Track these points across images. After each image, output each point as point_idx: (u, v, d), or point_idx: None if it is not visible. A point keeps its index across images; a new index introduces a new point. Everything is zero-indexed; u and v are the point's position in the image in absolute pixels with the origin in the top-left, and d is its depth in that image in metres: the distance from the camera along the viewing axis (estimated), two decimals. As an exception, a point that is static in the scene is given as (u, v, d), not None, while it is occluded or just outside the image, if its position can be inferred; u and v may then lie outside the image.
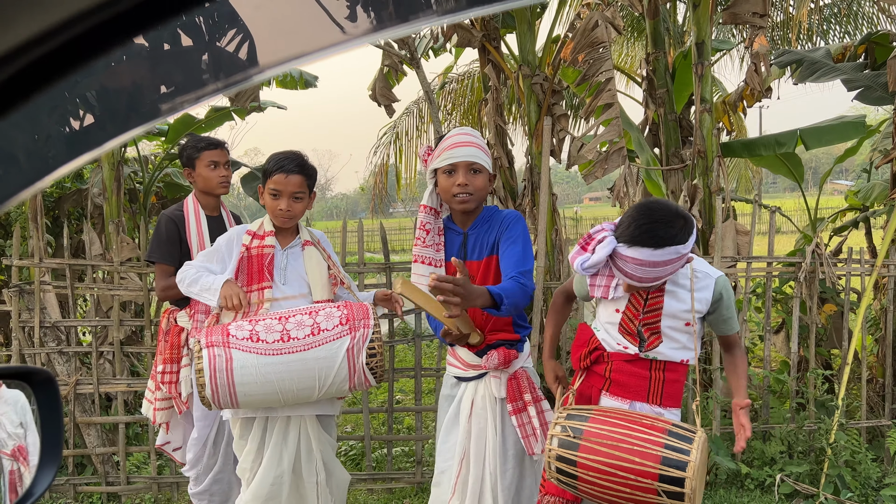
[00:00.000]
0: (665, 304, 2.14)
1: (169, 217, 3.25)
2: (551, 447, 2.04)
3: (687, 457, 1.89)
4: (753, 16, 4.51)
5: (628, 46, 10.88)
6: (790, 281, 4.34)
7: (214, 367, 2.32)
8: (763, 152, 4.64)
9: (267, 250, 2.64)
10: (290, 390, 2.39)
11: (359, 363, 2.43)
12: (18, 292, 4.06)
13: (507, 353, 2.40)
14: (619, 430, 1.98)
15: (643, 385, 2.17)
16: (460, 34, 4.97)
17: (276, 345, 2.36)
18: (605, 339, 2.24)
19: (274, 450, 2.58)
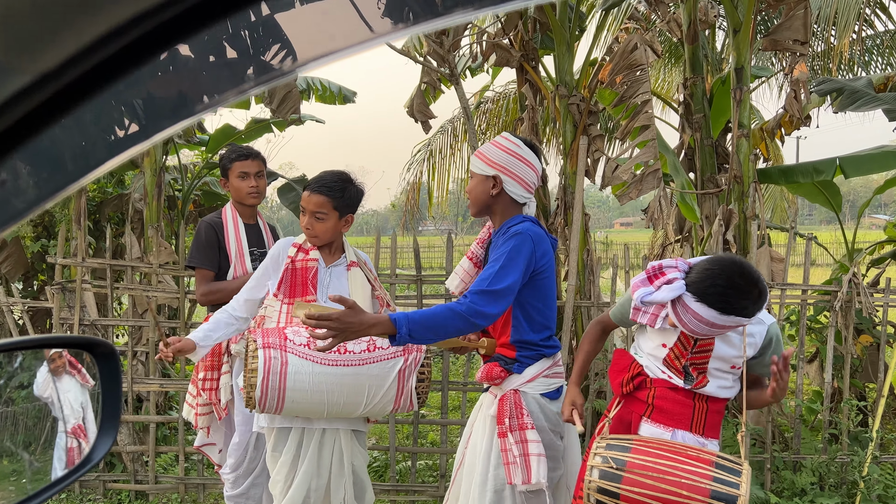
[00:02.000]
0: (716, 347, 2.10)
1: (209, 224, 3.33)
2: (591, 479, 1.94)
3: (737, 490, 1.84)
4: (794, 43, 4.51)
5: (665, 72, 10.88)
6: (825, 310, 4.28)
7: (269, 368, 2.30)
8: (801, 179, 4.60)
9: (311, 264, 2.64)
10: (338, 403, 2.39)
11: (408, 386, 2.44)
12: (60, 290, 4.18)
13: (491, 369, 2.33)
14: (665, 462, 1.91)
15: (687, 413, 2.12)
16: (499, 54, 5.03)
17: (333, 355, 2.35)
18: (648, 367, 2.19)
19: (311, 461, 2.55)
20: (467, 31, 4.64)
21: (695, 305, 1.92)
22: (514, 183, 2.33)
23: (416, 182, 10.67)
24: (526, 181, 2.34)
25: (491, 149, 2.35)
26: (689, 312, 1.93)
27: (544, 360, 2.35)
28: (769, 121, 5.82)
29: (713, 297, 1.89)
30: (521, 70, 5.17)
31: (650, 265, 2.07)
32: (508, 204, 2.36)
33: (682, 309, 1.95)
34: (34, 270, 5.91)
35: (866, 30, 8.80)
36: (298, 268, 2.64)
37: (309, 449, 2.56)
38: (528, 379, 2.32)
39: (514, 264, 2.16)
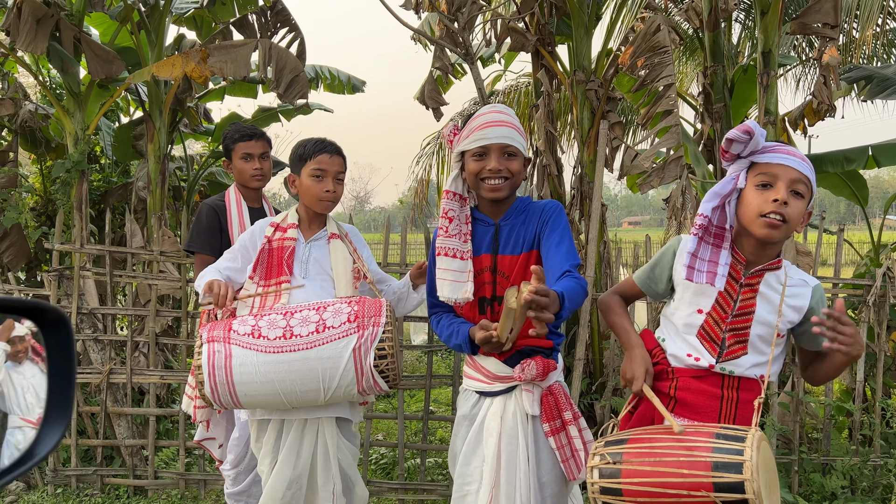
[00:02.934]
0: (758, 307, 1.90)
1: (210, 206, 3.17)
2: (593, 481, 1.78)
3: (741, 457, 1.63)
4: (824, 26, 4.31)
5: (678, 66, 10.67)
6: (854, 307, 4.09)
7: (213, 363, 2.18)
8: (830, 169, 4.41)
9: (288, 243, 2.50)
10: (293, 391, 2.22)
11: (366, 365, 2.22)
12: (58, 277, 4.03)
13: (545, 362, 2.11)
14: (662, 445, 1.74)
15: (714, 405, 1.92)
16: (514, 38, 4.85)
17: (278, 342, 2.19)
18: (673, 353, 1.99)
19: (289, 452, 2.41)
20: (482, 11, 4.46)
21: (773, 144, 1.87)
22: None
23: (426, 177, 10.50)
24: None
25: (519, 126, 2.18)
26: (779, 147, 1.86)
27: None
28: (792, 111, 5.62)
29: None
30: (536, 55, 4.99)
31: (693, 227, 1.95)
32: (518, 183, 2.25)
33: (775, 147, 1.87)
34: (37, 260, 5.78)
35: (890, 22, 8.58)
36: (275, 247, 2.50)
37: (287, 439, 2.42)
38: (561, 368, 2.24)
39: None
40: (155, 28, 5.51)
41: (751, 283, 1.91)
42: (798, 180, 1.83)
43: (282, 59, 4.71)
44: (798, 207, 1.84)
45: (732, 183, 1.89)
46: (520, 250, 2.15)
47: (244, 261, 2.56)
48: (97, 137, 6.25)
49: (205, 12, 5.99)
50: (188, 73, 4.53)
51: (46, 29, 4.56)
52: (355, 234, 2.71)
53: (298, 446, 2.42)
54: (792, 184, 1.82)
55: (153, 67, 4.65)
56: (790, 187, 1.82)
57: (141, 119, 5.88)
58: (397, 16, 4.18)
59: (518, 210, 2.18)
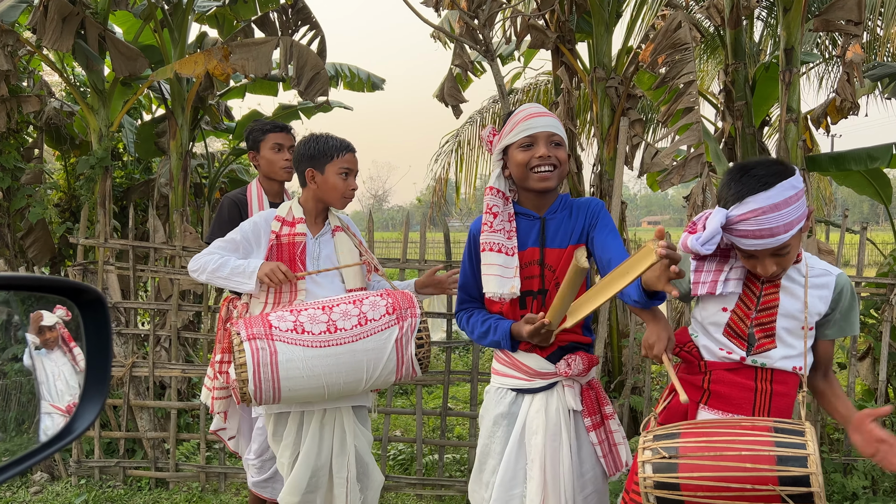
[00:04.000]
0: (781, 301, 1.89)
1: (232, 200, 3.20)
2: (645, 475, 1.75)
3: (804, 450, 1.64)
4: (847, 23, 4.27)
5: (700, 63, 10.58)
6: (875, 306, 4.04)
7: (258, 361, 2.18)
8: (853, 167, 4.36)
9: (299, 238, 2.53)
10: (337, 383, 2.27)
11: (408, 354, 2.33)
12: (82, 271, 4.10)
13: (589, 357, 2.14)
14: (720, 439, 1.72)
15: (748, 397, 1.91)
16: (534, 35, 4.85)
17: (323, 336, 2.23)
18: (705, 346, 1.99)
19: (311, 443, 2.46)
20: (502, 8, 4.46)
21: (743, 208, 1.75)
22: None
23: (444, 175, 10.51)
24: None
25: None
26: (747, 217, 1.75)
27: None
28: (815, 108, 5.56)
29: (747, 184, 1.75)
30: (556, 52, 4.99)
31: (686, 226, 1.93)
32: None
33: (742, 223, 1.76)
34: (61, 255, 5.87)
35: (915, 19, 8.44)
36: (285, 243, 2.53)
37: (309, 430, 2.47)
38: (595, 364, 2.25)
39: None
40: (178, 26, 5.57)
41: (772, 279, 1.90)
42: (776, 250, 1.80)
43: (303, 56, 4.74)
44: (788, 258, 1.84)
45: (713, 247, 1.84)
46: (567, 244, 2.14)
47: (245, 252, 2.57)
48: (120, 134, 6.34)
49: (227, 10, 6.05)
50: (210, 70, 4.58)
51: (72, 27, 4.63)
52: (353, 224, 2.74)
53: (320, 437, 2.47)
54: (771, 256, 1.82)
55: (176, 65, 4.71)
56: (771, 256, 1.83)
57: (163, 116, 5.95)
58: (418, 13, 4.19)
59: (563, 205, 2.18)
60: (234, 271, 2.48)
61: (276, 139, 3.19)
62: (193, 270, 2.57)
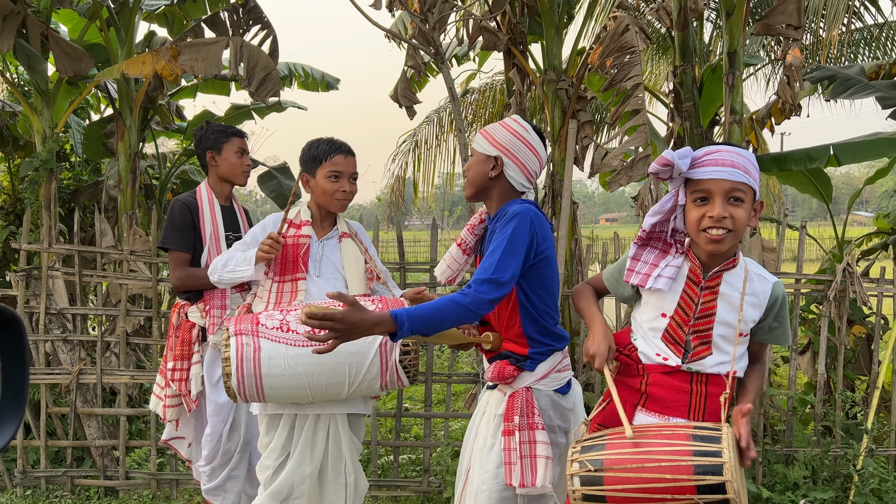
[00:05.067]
0: (718, 308, 1.95)
1: (182, 203, 3.16)
2: (574, 488, 1.79)
3: (719, 458, 1.69)
4: (787, 27, 4.41)
5: (652, 64, 10.79)
6: (816, 301, 4.19)
7: (241, 356, 2.22)
8: (793, 167, 4.50)
9: (303, 240, 2.58)
10: (319, 384, 2.30)
11: (391, 360, 2.33)
12: (26, 277, 4.00)
13: (503, 368, 2.17)
14: (641, 450, 1.77)
15: (684, 400, 1.97)
16: (486, 37, 4.89)
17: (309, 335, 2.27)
18: (643, 351, 2.03)
19: (303, 449, 2.46)
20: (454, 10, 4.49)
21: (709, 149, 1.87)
22: (515, 168, 2.19)
23: (402, 174, 10.51)
24: (528, 168, 2.21)
25: (497, 129, 2.23)
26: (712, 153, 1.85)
27: (556, 354, 2.22)
28: (760, 109, 5.73)
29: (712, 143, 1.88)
30: (508, 54, 5.04)
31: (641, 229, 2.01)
32: (507, 189, 2.22)
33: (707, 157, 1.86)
34: (5, 260, 5.70)
35: (855, 22, 8.76)
36: (290, 244, 2.57)
37: (301, 434, 2.46)
38: (542, 376, 2.19)
39: (515, 249, 2.02)
40: (124, 25, 5.46)
41: (710, 285, 1.95)
42: (733, 189, 1.84)
43: (253, 56, 4.70)
44: (740, 213, 1.86)
45: (672, 200, 1.94)
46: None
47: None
48: (67, 135, 6.18)
49: (176, 9, 5.95)
50: (159, 70, 4.51)
51: (13, 26, 4.50)
52: (362, 231, 2.77)
53: (312, 441, 2.47)
54: (727, 193, 1.84)
55: (123, 65, 4.62)
56: (727, 197, 1.84)
57: (111, 117, 5.83)
58: (368, 16, 4.19)
59: (499, 215, 2.17)
60: (238, 263, 2.58)
61: (241, 144, 3.21)
62: (209, 273, 2.67)
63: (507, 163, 2.18)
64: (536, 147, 2.21)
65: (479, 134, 2.26)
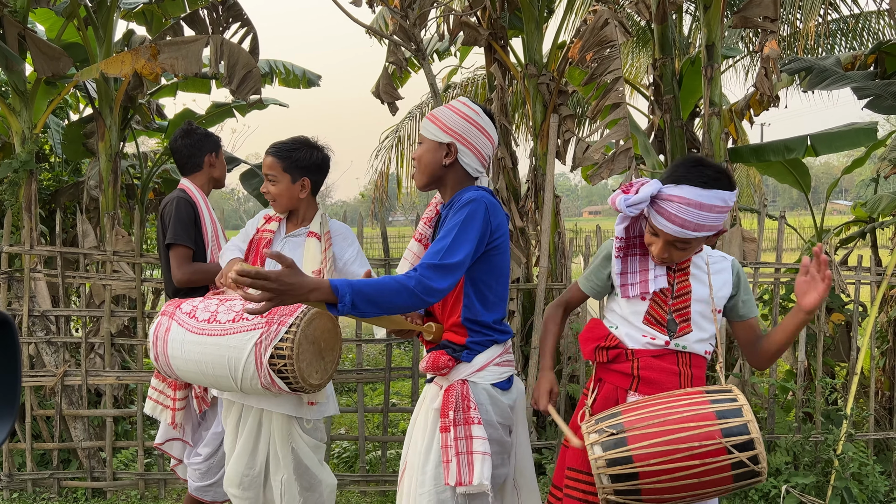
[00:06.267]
0: (693, 287, 2.06)
1: (186, 200, 3.13)
2: (596, 456, 1.81)
3: (737, 402, 1.80)
4: (764, 20, 4.46)
5: (632, 57, 10.85)
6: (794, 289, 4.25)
7: (157, 334, 2.44)
8: (771, 158, 4.57)
9: (266, 234, 2.65)
10: (207, 373, 2.37)
11: (263, 361, 2.23)
12: (8, 280, 3.97)
13: (438, 357, 2.09)
14: (660, 408, 1.84)
15: (674, 381, 2.04)
16: (467, 32, 4.90)
17: (202, 324, 2.36)
18: (628, 334, 2.09)
19: (247, 439, 2.53)
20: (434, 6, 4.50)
21: (676, 190, 1.87)
22: (470, 154, 2.12)
23: (385, 170, 10.51)
24: (483, 153, 2.14)
25: (447, 113, 2.13)
26: (675, 200, 1.87)
27: (496, 346, 2.13)
28: (738, 101, 5.79)
29: (689, 174, 1.88)
30: (489, 49, 5.05)
31: (620, 184, 2.03)
32: (462, 176, 2.15)
33: (665, 203, 1.89)
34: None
35: (831, 13, 8.85)
36: (255, 238, 2.67)
37: (246, 426, 2.54)
38: (478, 368, 2.10)
39: (467, 236, 1.94)
40: (103, 24, 5.41)
41: (682, 267, 2.08)
42: (676, 240, 1.94)
43: (234, 54, 4.68)
44: (681, 255, 2.00)
45: (637, 211, 1.97)
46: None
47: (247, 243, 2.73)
48: (46, 135, 6.13)
49: (154, 7, 5.90)
50: (138, 70, 4.48)
51: (-11, 26, 4.46)
52: (341, 233, 2.73)
53: (256, 434, 2.53)
54: (672, 241, 1.95)
55: (102, 65, 4.58)
56: (671, 242, 1.96)
57: (91, 116, 5.78)
58: (350, 14, 4.19)
59: (453, 202, 2.13)
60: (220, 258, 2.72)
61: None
62: (221, 256, 2.76)
63: (462, 149, 2.11)
64: (489, 130, 2.15)
65: (426, 120, 2.16)
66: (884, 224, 4.95)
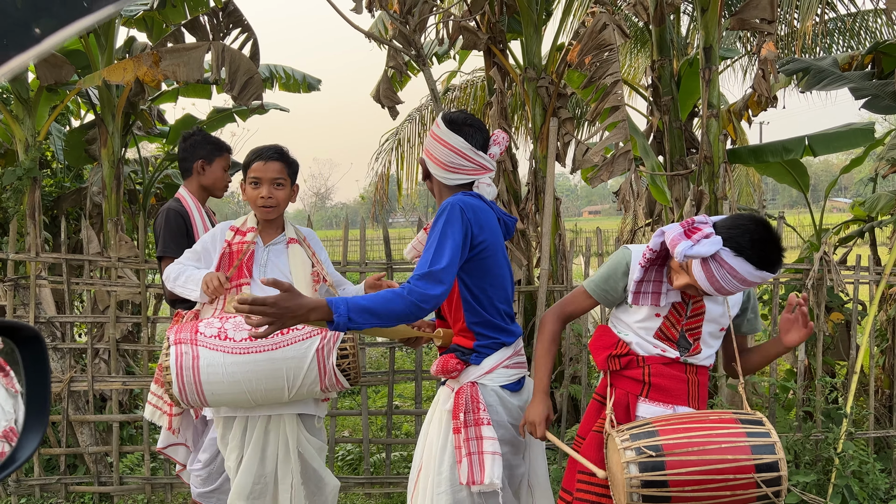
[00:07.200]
0: (707, 308, 2.10)
1: (177, 211, 3.18)
2: (631, 476, 1.84)
3: (770, 438, 1.85)
4: (761, 22, 4.49)
5: (631, 57, 10.89)
6: (796, 289, 4.28)
7: (181, 364, 2.27)
8: (770, 159, 4.60)
9: (246, 246, 2.58)
10: (259, 390, 2.33)
11: (329, 364, 2.35)
12: (14, 287, 4.00)
13: (447, 361, 2.18)
14: (698, 434, 1.87)
15: (683, 388, 2.10)
16: (466, 37, 4.94)
17: (244, 343, 2.30)
18: (638, 343, 2.13)
19: (255, 449, 2.51)
20: (433, 12, 4.53)
21: (732, 261, 1.86)
22: (432, 164, 2.25)
23: (385, 173, 10.54)
24: (441, 161, 2.22)
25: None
26: (725, 268, 1.87)
27: (504, 349, 2.21)
28: (736, 102, 5.82)
29: (753, 250, 1.85)
30: (488, 53, 5.09)
31: (683, 221, 1.98)
32: (441, 186, 2.28)
33: (717, 265, 1.87)
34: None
35: (829, 13, 8.88)
36: (234, 251, 2.59)
37: (253, 436, 2.51)
38: (487, 370, 2.18)
39: (447, 240, 2.02)
40: (104, 30, 5.45)
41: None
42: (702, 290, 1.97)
43: (235, 61, 4.71)
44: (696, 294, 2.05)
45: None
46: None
47: (206, 263, 2.63)
48: (48, 142, 6.16)
49: (155, 14, 5.93)
50: (140, 77, 4.51)
51: (-8, 35, 4.49)
52: (313, 237, 2.79)
53: (264, 443, 2.51)
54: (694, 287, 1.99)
55: (104, 72, 4.62)
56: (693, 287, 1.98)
57: (93, 123, 5.81)
58: (350, 21, 4.22)
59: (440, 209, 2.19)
60: (188, 280, 2.57)
61: (228, 160, 3.29)
62: (165, 279, 2.70)
63: (427, 162, 2.28)
64: (446, 138, 2.21)
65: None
66: (882, 223, 4.98)
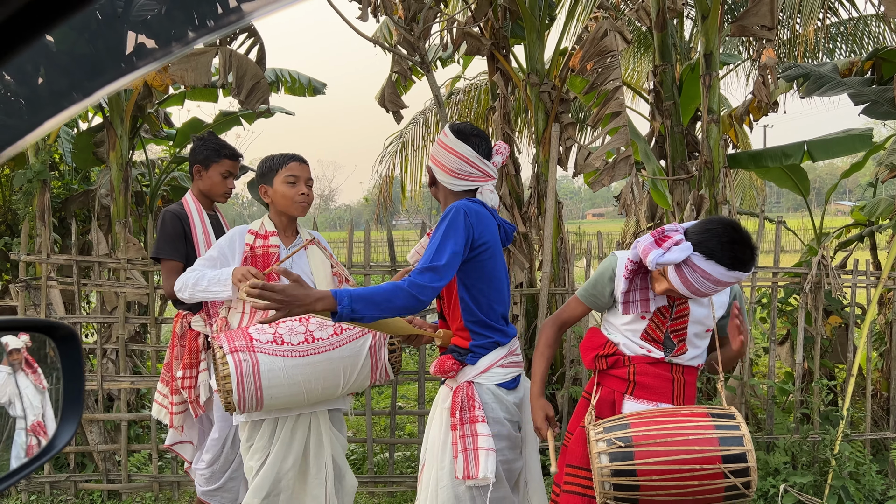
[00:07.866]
0: (691, 310, 2.16)
1: (173, 214, 3.23)
2: (602, 465, 1.93)
3: (739, 431, 1.92)
4: (762, 28, 4.54)
5: (634, 61, 10.94)
6: (795, 293, 4.34)
7: (241, 372, 2.30)
8: (769, 164, 4.65)
9: (272, 250, 2.67)
10: (316, 390, 2.43)
11: (381, 359, 2.50)
12: (25, 288, 4.07)
13: (444, 362, 2.28)
14: (668, 426, 1.95)
15: (668, 387, 2.17)
16: (469, 42, 5.00)
17: (302, 346, 2.39)
18: (625, 344, 2.21)
19: (280, 447, 2.57)
20: (437, 19, 4.60)
21: (704, 264, 1.92)
22: (439, 171, 2.34)
23: (389, 175, 10.61)
24: (449, 168, 2.32)
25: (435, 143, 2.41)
26: (697, 272, 1.93)
27: (499, 348, 2.30)
28: (738, 107, 5.88)
29: (722, 253, 1.90)
30: (492, 58, 5.15)
31: (654, 230, 2.06)
32: (447, 192, 2.37)
33: (689, 270, 1.94)
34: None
35: (830, 17, 8.93)
36: (259, 255, 2.66)
37: (280, 435, 2.58)
38: (483, 370, 2.27)
39: (451, 239, 2.13)
40: (113, 36, 5.52)
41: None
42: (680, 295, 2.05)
43: (242, 66, 4.79)
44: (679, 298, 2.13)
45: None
46: None
47: (223, 267, 2.67)
48: (56, 144, 6.24)
49: (163, 19, 6.00)
50: (149, 81, 4.60)
51: (4, 40, 4.57)
52: (321, 238, 2.89)
53: (290, 441, 2.58)
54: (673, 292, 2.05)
55: (113, 76, 4.69)
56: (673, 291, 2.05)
57: (101, 125, 5.89)
58: (356, 28, 4.29)
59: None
60: (212, 282, 2.61)
61: (230, 167, 3.25)
62: (178, 290, 2.70)
63: (435, 169, 2.37)
64: (455, 147, 2.31)
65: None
66: (882, 227, 5.03)
